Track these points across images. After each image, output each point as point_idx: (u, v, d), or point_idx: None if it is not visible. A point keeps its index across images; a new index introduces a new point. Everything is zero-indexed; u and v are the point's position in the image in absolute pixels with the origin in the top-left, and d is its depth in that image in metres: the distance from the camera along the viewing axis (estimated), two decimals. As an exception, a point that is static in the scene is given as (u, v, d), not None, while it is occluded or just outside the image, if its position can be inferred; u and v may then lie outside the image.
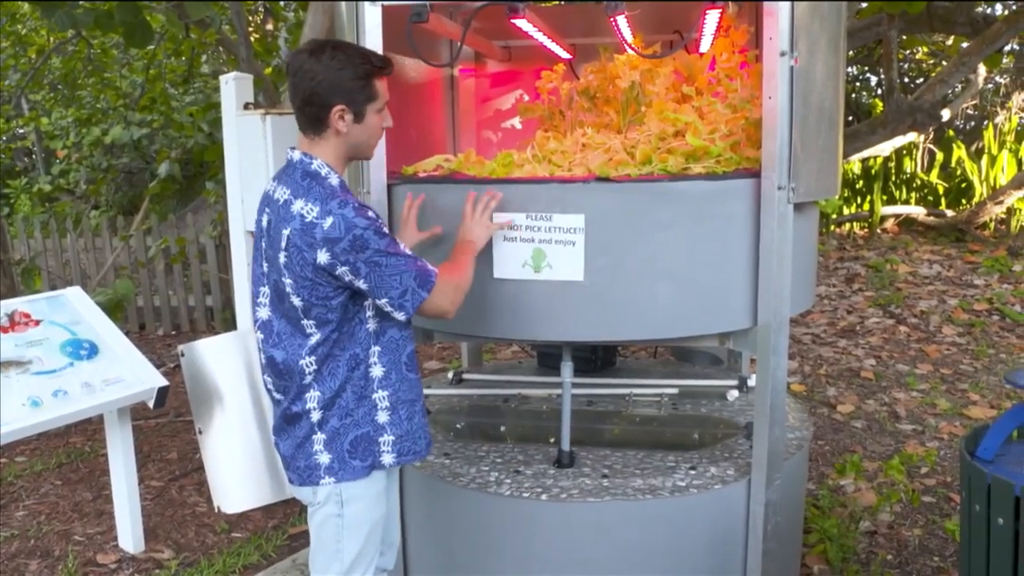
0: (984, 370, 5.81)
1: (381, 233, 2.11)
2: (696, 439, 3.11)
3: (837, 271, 8.03)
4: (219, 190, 7.12)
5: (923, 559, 3.53)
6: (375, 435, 2.27)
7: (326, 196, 2.10)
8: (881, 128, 7.05)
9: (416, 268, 2.15)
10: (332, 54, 2.12)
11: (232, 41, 7.10)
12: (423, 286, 2.16)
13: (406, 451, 2.32)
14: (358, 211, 2.10)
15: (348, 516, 2.27)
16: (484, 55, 3.84)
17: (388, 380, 2.27)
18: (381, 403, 2.27)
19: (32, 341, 3.60)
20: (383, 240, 2.10)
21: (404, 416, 2.31)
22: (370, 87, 2.17)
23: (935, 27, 7.19)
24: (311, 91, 2.12)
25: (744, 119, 2.79)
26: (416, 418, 2.35)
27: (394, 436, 2.29)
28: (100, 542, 3.87)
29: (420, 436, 2.36)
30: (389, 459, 2.29)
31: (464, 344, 4.26)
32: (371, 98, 2.18)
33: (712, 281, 2.56)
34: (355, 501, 2.27)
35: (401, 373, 2.30)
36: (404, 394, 2.31)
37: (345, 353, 2.21)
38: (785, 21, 2.40)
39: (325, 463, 2.24)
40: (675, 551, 2.71)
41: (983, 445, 2.38)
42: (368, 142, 2.26)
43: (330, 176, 2.18)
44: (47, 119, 10.67)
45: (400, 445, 2.30)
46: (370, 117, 2.20)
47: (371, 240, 2.08)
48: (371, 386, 2.26)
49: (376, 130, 2.26)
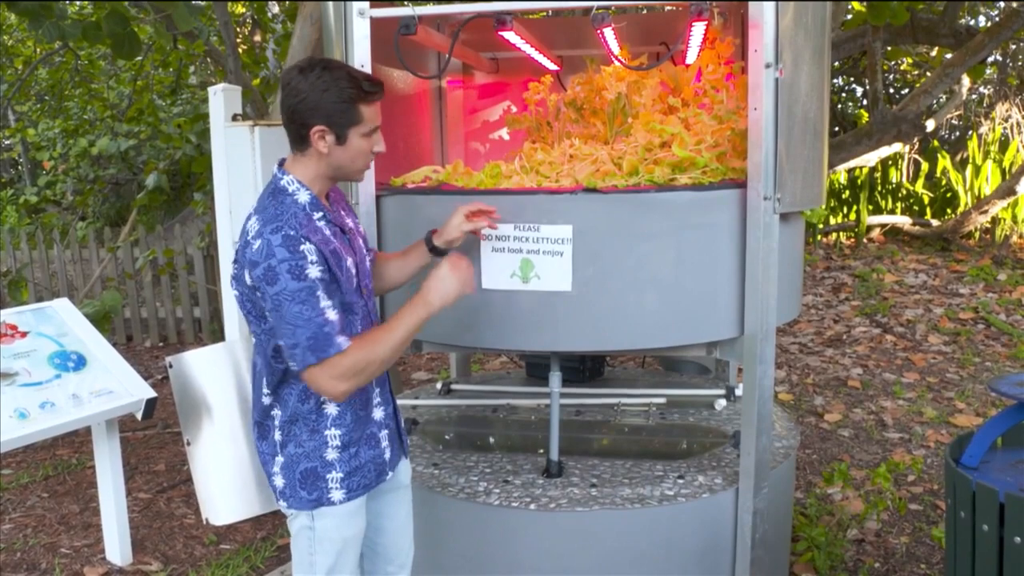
0: (970, 378, 5.85)
1: (297, 273, 1.97)
2: (684, 448, 3.13)
3: (824, 281, 8.07)
4: (207, 201, 7.11)
5: (910, 566, 3.55)
6: (323, 471, 2.19)
7: (270, 218, 2.03)
8: (866, 138, 7.10)
9: (316, 330, 1.99)
10: (320, 74, 2.05)
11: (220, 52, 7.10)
12: (314, 351, 2.00)
13: (356, 486, 2.24)
14: (287, 241, 1.98)
15: (319, 530, 2.23)
16: (472, 67, 3.85)
17: (343, 420, 2.20)
18: (332, 441, 2.20)
19: (19, 353, 3.58)
20: (295, 283, 1.97)
21: (354, 453, 2.23)
22: (353, 111, 2.09)
23: (919, 38, 7.25)
24: (293, 108, 2.07)
25: (730, 130, 2.81)
26: (364, 454, 2.26)
27: (342, 473, 2.21)
28: (87, 555, 3.85)
29: (370, 468, 2.27)
30: (339, 495, 2.21)
31: (452, 354, 4.26)
32: (354, 122, 2.09)
33: (699, 291, 2.58)
34: (325, 517, 2.23)
35: (356, 414, 2.23)
36: (357, 433, 2.24)
37: (298, 385, 2.16)
38: (770, 33, 2.43)
39: (280, 486, 2.22)
40: (663, 560, 2.72)
41: (968, 452, 2.40)
42: (353, 165, 2.17)
43: (297, 193, 2.11)
44: (34, 130, 10.63)
45: (349, 481, 2.23)
46: (354, 140, 2.12)
47: (281, 277, 1.97)
48: (324, 423, 2.19)
49: (361, 154, 2.16)
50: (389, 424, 2.34)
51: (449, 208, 2.53)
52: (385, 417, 2.33)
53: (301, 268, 1.98)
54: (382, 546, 2.46)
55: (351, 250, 2.22)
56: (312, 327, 1.99)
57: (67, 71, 9.71)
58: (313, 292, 2.00)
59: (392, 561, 2.49)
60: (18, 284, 6.95)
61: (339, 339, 2.02)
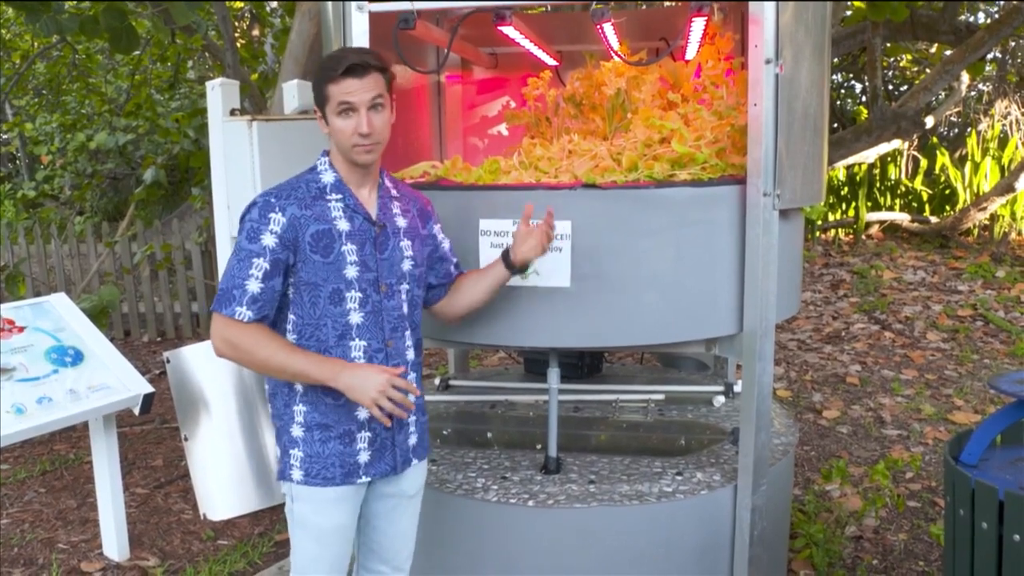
0: (968, 375, 5.85)
1: (253, 236, 2.11)
2: (682, 445, 3.12)
3: (822, 277, 8.07)
4: (205, 196, 7.11)
5: (908, 564, 3.55)
6: (288, 446, 2.24)
7: (275, 186, 2.19)
8: (866, 135, 7.10)
9: (229, 286, 2.11)
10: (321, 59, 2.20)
11: (218, 47, 7.08)
12: (218, 301, 2.13)
13: (314, 474, 2.22)
14: (264, 207, 2.13)
15: (296, 514, 2.27)
16: (471, 62, 3.84)
17: (307, 398, 2.22)
18: (298, 417, 2.22)
19: (16, 348, 3.57)
20: (246, 242, 2.11)
21: (317, 439, 2.22)
22: (322, 90, 2.16)
23: (919, 35, 7.25)
24: None
25: (729, 126, 2.80)
26: (331, 445, 2.22)
27: (303, 454, 2.22)
28: (85, 550, 3.84)
29: (334, 464, 2.23)
30: (298, 475, 2.23)
31: (451, 350, 4.26)
32: (323, 101, 2.17)
33: (698, 287, 2.58)
34: (301, 500, 2.25)
35: (318, 395, 2.21)
36: (320, 417, 2.22)
37: None
38: (770, 29, 2.42)
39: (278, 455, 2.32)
40: (662, 557, 2.72)
41: (967, 450, 2.39)
42: (341, 144, 2.19)
43: (324, 173, 2.23)
44: (31, 124, 10.63)
45: (307, 466, 2.22)
46: (331, 119, 2.17)
47: (243, 232, 2.13)
48: (295, 398, 2.22)
49: (341, 134, 2.16)
50: (377, 430, 2.27)
51: (448, 203, 2.53)
52: (372, 422, 2.25)
53: (258, 232, 2.11)
54: (377, 543, 2.45)
55: (371, 242, 2.21)
56: (230, 281, 2.12)
57: (65, 65, 9.70)
58: (252, 257, 2.11)
59: (387, 562, 2.47)
60: (15, 279, 6.94)
61: (239, 309, 2.10)
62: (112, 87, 9.84)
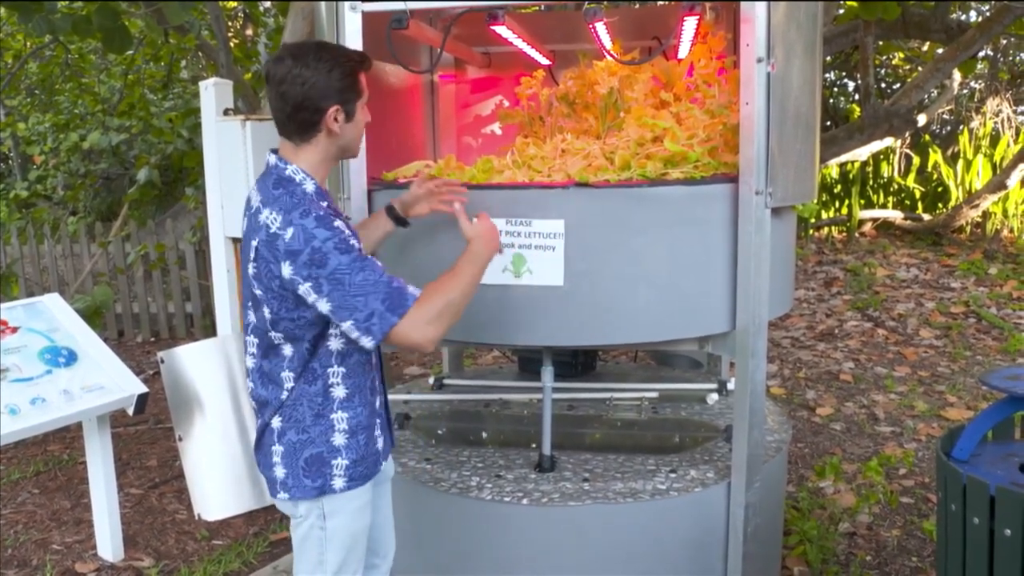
0: (961, 372, 5.87)
1: (345, 247, 1.97)
2: (676, 442, 3.13)
3: (816, 275, 8.09)
4: (199, 196, 7.09)
5: (902, 559, 3.57)
6: (329, 457, 2.16)
7: (291, 206, 2.00)
8: (858, 133, 7.11)
9: (387, 289, 1.99)
10: (317, 55, 2.04)
11: (212, 46, 7.07)
12: (393, 310, 1.99)
13: (358, 476, 2.20)
14: (321, 221, 1.98)
15: (331, 529, 2.20)
16: (464, 61, 3.85)
17: (351, 403, 2.18)
18: (339, 424, 2.16)
19: (9, 348, 3.57)
20: (346, 256, 1.97)
21: (363, 441, 2.20)
22: (358, 84, 2.10)
23: (911, 33, 7.26)
24: (303, 96, 2.03)
25: (722, 124, 2.81)
26: (372, 444, 2.24)
27: (348, 461, 2.18)
28: (79, 551, 3.84)
29: (374, 460, 2.25)
30: (340, 483, 2.17)
31: (445, 349, 4.26)
32: (360, 94, 2.12)
33: (691, 285, 2.58)
34: (337, 515, 2.20)
35: (365, 397, 2.21)
36: (365, 419, 2.21)
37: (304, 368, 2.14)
38: (762, 28, 2.43)
39: (280, 477, 2.18)
40: (656, 554, 2.73)
41: (959, 446, 2.41)
42: (357, 140, 2.19)
43: (304, 182, 2.08)
44: (24, 124, 10.58)
45: (353, 470, 2.19)
46: (358, 114, 2.14)
47: (330, 255, 1.95)
48: (331, 405, 2.16)
49: (362, 126, 2.19)
50: (382, 414, 2.34)
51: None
52: (380, 406, 2.32)
53: (345, 241, 1.99)
54: (370, 538, 2.45)
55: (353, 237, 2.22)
56: (382, 288, 1.99)
57: (57, 65, 9.66)
58: (365, 258, 2.01)
59: (377, 553, 2.49)
60: (8, 279, 6.93)
61: (411, 289, 2.04)
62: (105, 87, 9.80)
